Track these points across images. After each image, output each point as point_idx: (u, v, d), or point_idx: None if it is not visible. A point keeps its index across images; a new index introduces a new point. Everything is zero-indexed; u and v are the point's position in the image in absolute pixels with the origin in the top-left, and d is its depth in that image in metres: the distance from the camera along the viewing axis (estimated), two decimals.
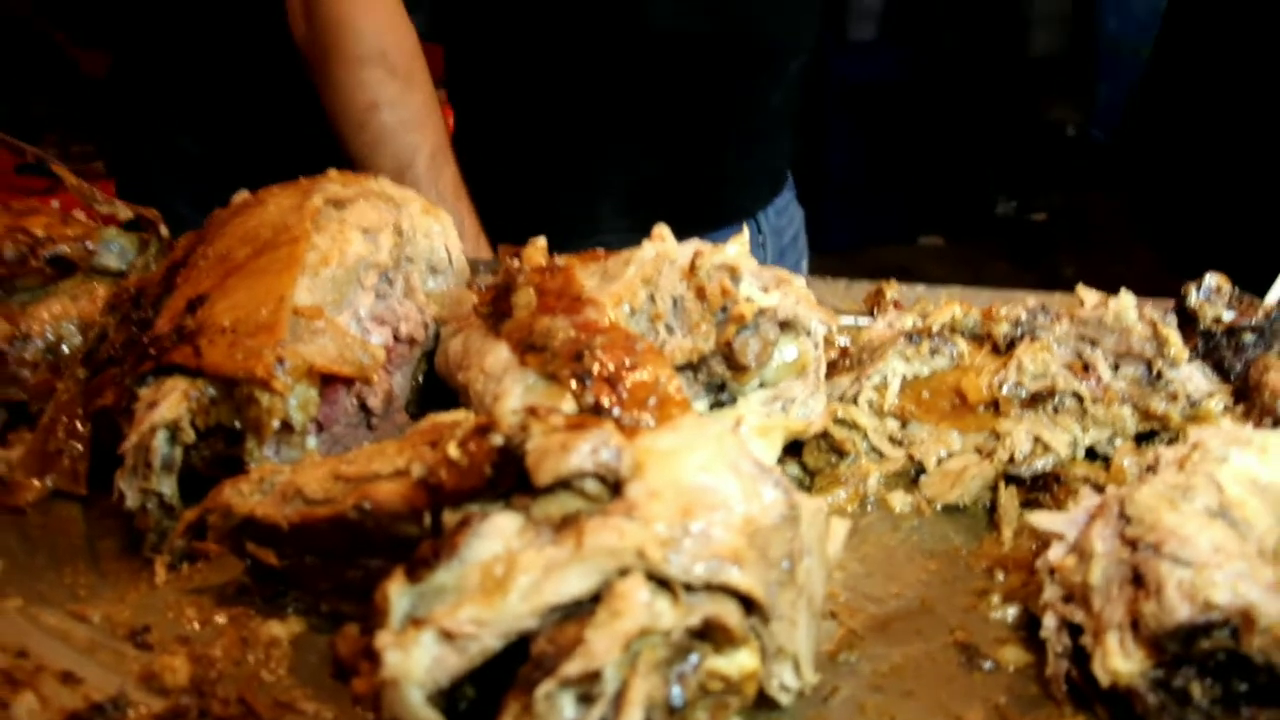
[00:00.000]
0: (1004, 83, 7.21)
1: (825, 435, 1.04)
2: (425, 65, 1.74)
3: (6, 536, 0.99)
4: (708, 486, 0.75)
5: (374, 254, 1.11)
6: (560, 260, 1.11)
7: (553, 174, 1.97)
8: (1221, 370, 1.14)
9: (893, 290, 1.34)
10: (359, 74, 1.65)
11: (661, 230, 1.06)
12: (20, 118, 3.58)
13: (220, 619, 0.88)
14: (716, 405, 1.02)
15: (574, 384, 0.92)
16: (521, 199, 1.95)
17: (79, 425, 1.06)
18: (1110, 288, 1.30)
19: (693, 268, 1.00)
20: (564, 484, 0.74)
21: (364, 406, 1.08)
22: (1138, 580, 0.76)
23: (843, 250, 5.65)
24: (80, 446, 1.05)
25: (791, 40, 2.00)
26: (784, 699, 0.76)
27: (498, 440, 0.76)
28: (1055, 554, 0.83)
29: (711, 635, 0.71)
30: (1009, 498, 0.98)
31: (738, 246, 1.02)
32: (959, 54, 6.71)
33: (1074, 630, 0.79)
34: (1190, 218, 3.02)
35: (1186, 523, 0.76)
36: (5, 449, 1.09)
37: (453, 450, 0.79)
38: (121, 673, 0.82)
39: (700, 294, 0.99)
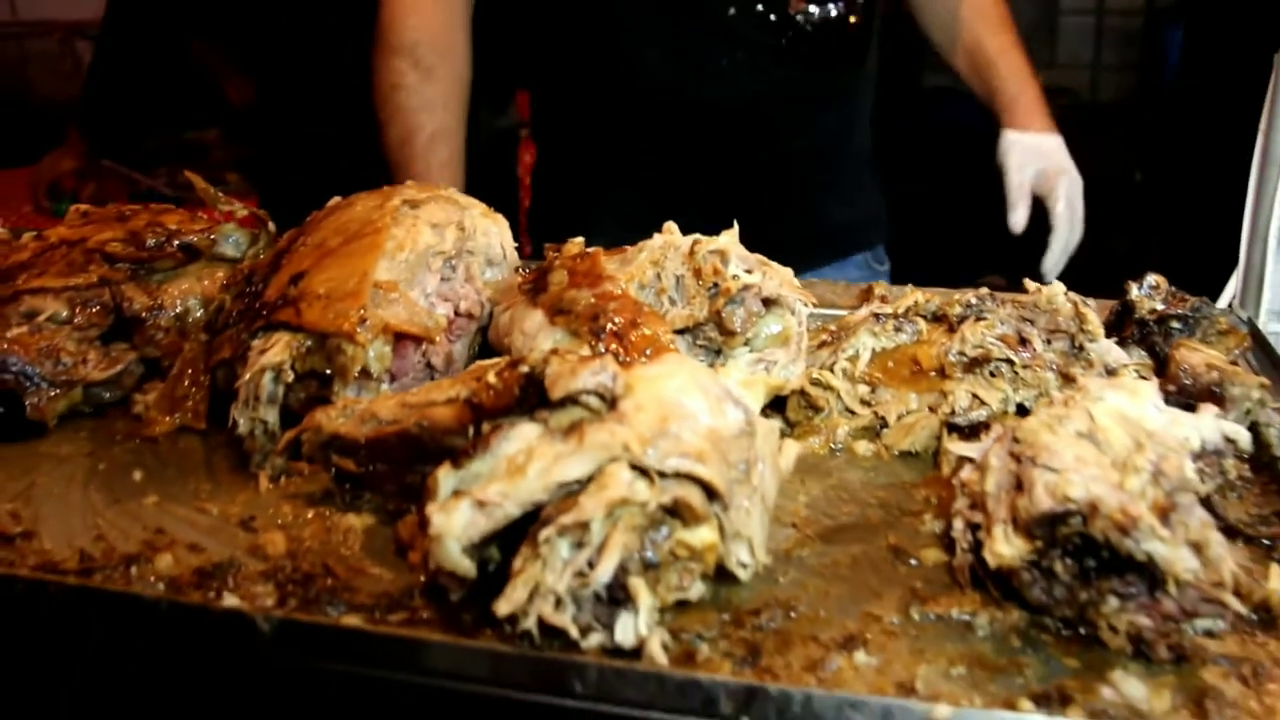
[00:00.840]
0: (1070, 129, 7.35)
1: (803, 393, 1.25)
2: (457, 63, 1.99)
3: (145, 456, 1.23)
4: (682, 403, 0.96)
5: (440, 244, 1.34)
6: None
7: (569, 208, 2.20)
8: (1154, 354, 1.33)
9: (881, 289, 1.55)
10: (390, 60, 1.96)
11: (670, 225, 1.29)
12: (135, 153, 3.92)
13: (309, 514, 1.10)
14: (712, 367, 1.24)
15: (591, 338, 1.15)
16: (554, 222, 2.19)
17: (201, 376, 1.31)
18: None
19: (691, 253, 1.23)
20: (572, 400, 0.96)
21: (429, 365, 1.31)
22: (1019, 485, 0.96)
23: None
24: (200, 392, 1.30)
25: (788, 124, 2.10)
26: (742, 574, 0.96)
27: (525, 369, 0.99)
28: (965, 473, 1.03)
29: (680, 513, 0.92)
30: (950, 441, 1.18)
31: (728, 236, 1.25)
32: None
33: (975, 529, 1.00)
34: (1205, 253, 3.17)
35: (1059, 441, 0.96)
36: (143, 395, 1.34)
37: (491, 377, 1.01)
38: (234, 546, 1.05)
39: (697, 273, 1.22)
